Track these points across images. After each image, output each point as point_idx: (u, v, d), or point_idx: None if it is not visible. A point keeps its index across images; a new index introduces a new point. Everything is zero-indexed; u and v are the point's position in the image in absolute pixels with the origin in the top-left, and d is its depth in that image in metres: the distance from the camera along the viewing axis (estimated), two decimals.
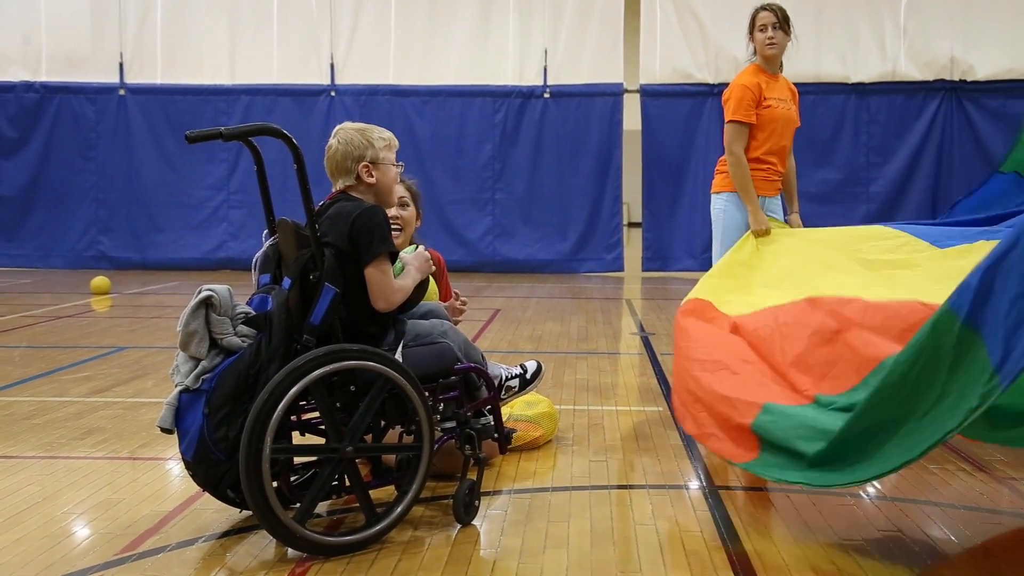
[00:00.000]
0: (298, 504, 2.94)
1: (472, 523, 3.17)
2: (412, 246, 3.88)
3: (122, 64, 12.52)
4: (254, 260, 3.25)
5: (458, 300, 4.01)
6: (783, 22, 4.87)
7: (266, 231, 3.29)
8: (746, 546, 2.99)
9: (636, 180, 12.51)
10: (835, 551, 2.95)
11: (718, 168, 4.98)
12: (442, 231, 11.76)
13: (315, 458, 3.12)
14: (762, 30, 4.86)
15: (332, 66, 12.43)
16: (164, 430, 2.96)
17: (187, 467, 3.00)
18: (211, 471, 2.91)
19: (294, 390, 2.80)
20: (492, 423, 3.40)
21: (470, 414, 3.29)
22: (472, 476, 3.23)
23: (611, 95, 12.25)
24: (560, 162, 12.35)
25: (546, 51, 12.31)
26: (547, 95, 12.32)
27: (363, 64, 12.43)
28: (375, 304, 3.06)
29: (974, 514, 3.30)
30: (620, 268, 12.32)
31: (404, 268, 3.23)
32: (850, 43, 11.93)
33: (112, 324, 8.09)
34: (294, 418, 3.08)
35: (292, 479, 3.15)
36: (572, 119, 12.30)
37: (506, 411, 3.92)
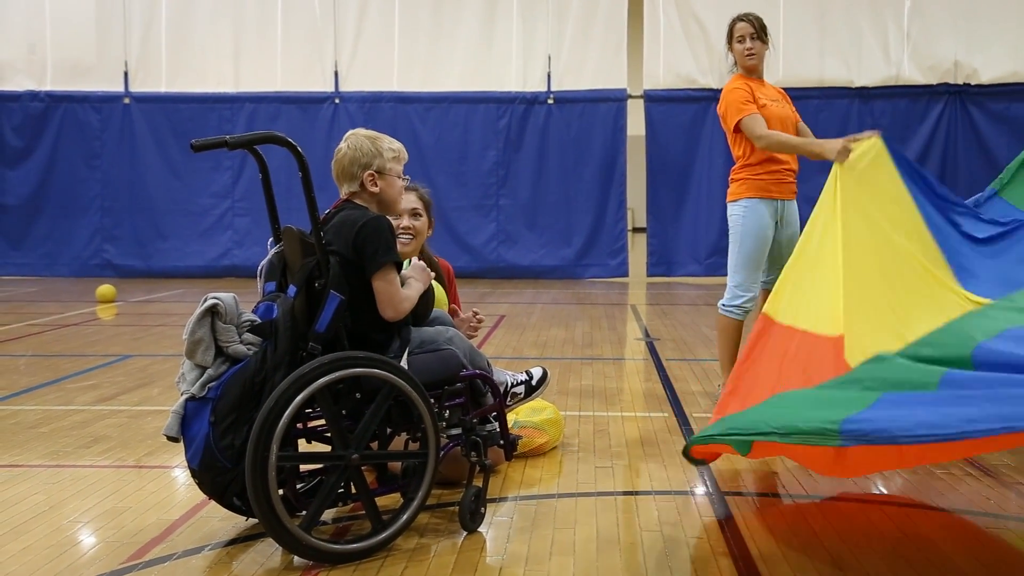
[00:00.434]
0: (304, 512, 2.94)
1: (478, 530, 3.17)
2: (408, 260, 3.88)
3: (127, 72, 12.57)
4: (259, 268, 3.26)
5: (475, 317, 4.02)
6: (760, 31, 4.89)
7: (271, 239, 3.29)
8: (752, 552, 2.98)
9: (640, 185, 12.52)
10: (842, 557, 2.94)
11: (733, 176, 4.97)
12: (447, 237, 11.77)
13: (321, 465, 3.12)
14: (740, 41, 4.90)
15: (336, 73, 12.46)
16: (170, 438, 2.96)
17: (193, 475, 3.00)
18: (217, 479, 2.91)
19: (300, 398, 2.81)
20: (498, 430, 3.40)
21: (476, 421, 3.29)
22: (478, 483, 3.23)
23: (615, 101, 12.27)
24: (564, 168, 12.36)
25: (550, 57, 12.33)
26: (551, 101, 12.34)
27: (367, 71, 12.47)
28: (384, 313, 3.06)
29: (981, 519, 3.29)
30: (625, 274, 12.32)
31: (406, 282, 3.23)
32: (853, 47, 11.94)
33: (118, 332, 8.10)
34: (300, 426, 3.08)
35: (298, 486, 3.15)
36: (576, 125, 12.31)
37: (511, 417, 3.92)
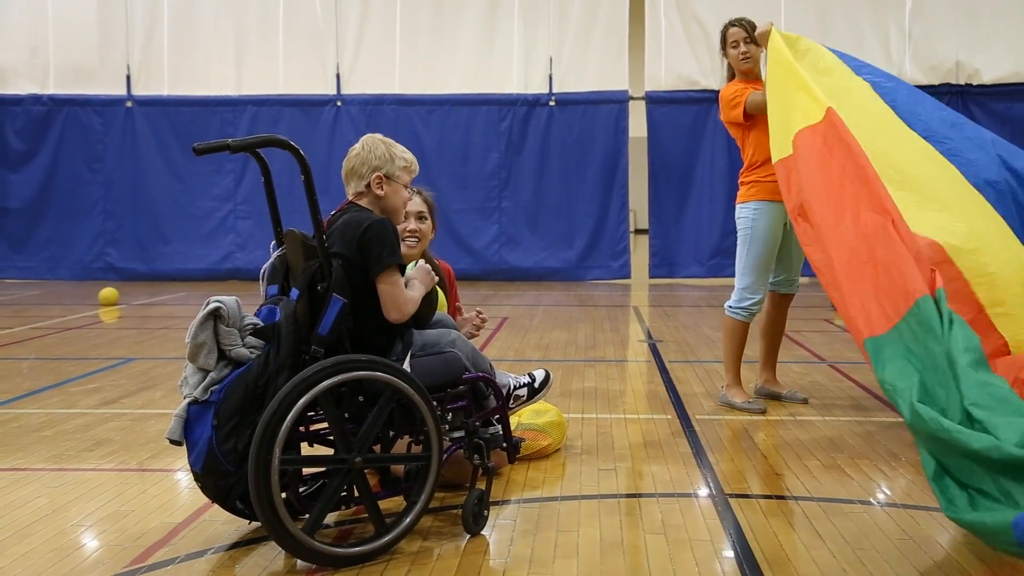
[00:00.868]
0: (307, 515, 2.94)
1: (481, 533, 3.17)
2: (413, 263, 3.88)
3: (129, 76, 12.58)
4: (262, 271, 3.26)
5: (478, 316, 4.02)
6: (752, 35, 4.93)
7: (274, 242, 3.30)
8: (756, 554, 2.98)
9: (642, 187, 12.52)
10: (846, 559, 2.94)
11: (742, 179, 4.98)
12: (449, 240, 11.76)
13: (324, 469, 3.12)
14: (734, 46, 4.97)
15: (338, 76, 12.46)
16: (173, 442, 2.95)
17: (196, 479, 3.00)
18: (220, 483, 2.91)
19: (303, 401, 2.80)
20: (500, 432, 3.40)
21: (478, 423, 3.29)
22: (481, 486, 3.22)
23: (616, 102, 12.27)
24: (566, 170, 12.36)
25: (551, 59, 12.33)
26: (552, 103, 12.34)
27: (369, 74, 12.47)
28: (388, 316, 3.07)
29: None
30: (627, 275, 12.31)
31: (409, 283, 3.23)
32: (855, 47, 11.87)
33: (120, 335, 8.11)
34: (302, 429, 3.08)
35: (301, 490, 3.15)
36: (578, 127, 12.31)
37: (514, 420, 3.92)
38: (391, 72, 12.48)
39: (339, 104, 12.42)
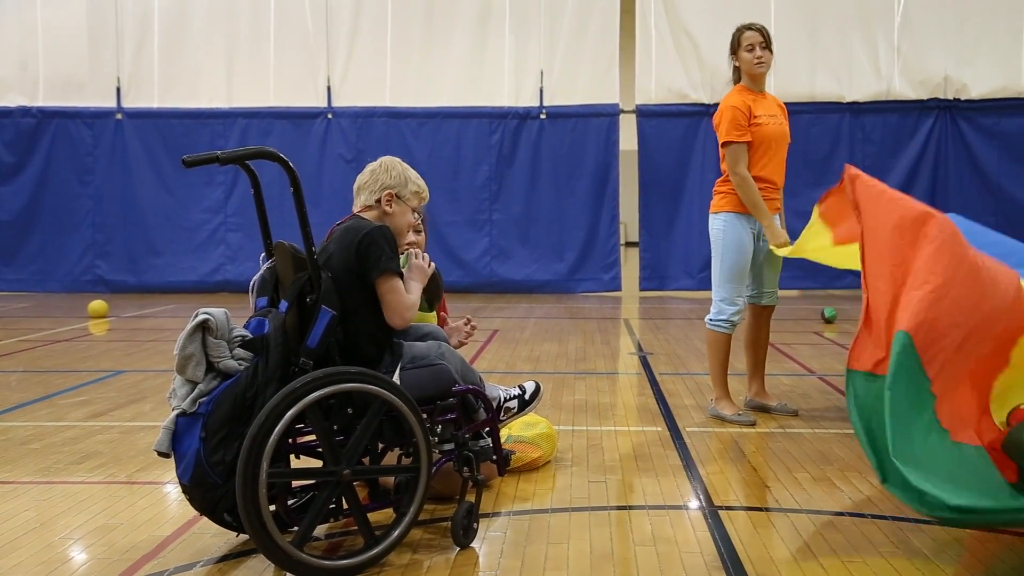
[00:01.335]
0: (296, 528, 2.93)
1: (471, 545, 3.16)
2: (403, 256, 3.88)
3: (119, 88, 12.57)
4: (251, 283, 3.26)
5: (468, 325, 4.02)
6: (768, 41, 4.94)
7: (263, 254, 3.29)
8: (746, 567, 2.98)
9: (633, 200, 12.54)
10: (835, 571, 2.94)
11: (716, 188, 5.00)
12: (439, 252, 11.76)
13: (312, 481, 3.11)
14: (749, 50, 4.91)
15: (329, 88, 12.48)
16: (161, 454, 2.94)
17: (184, 491, 2.99)
18: (208, 495, 2.90)
19: (291, 413, 2.80)
20: (490, 445, 3.40)
21: (468, 436, 3.29)
22: (471, 498, 3.22)
23: (607, 116, 12.31)
24: (557, 183, 12.38)
25: (542, 72, 12.37)
26: (543, 116, 12.37)
27: (360, 86, 12.48)
28: (391, 321, 3.09)
29: (976, 534, 3.29)
30: (617, 288, 12.33)
31: (406, 284, 3.25)
32: (844, 62, 12.01)
33: (109, 348, 8.08)
34: (291, 441, 3.07)
35: (290, 502, 3.14)
36: (568, 140, 12.34)
37: (504, 432, 3.92)
38: (382, 85, 12.49)
39: (330, 117, 12.43)
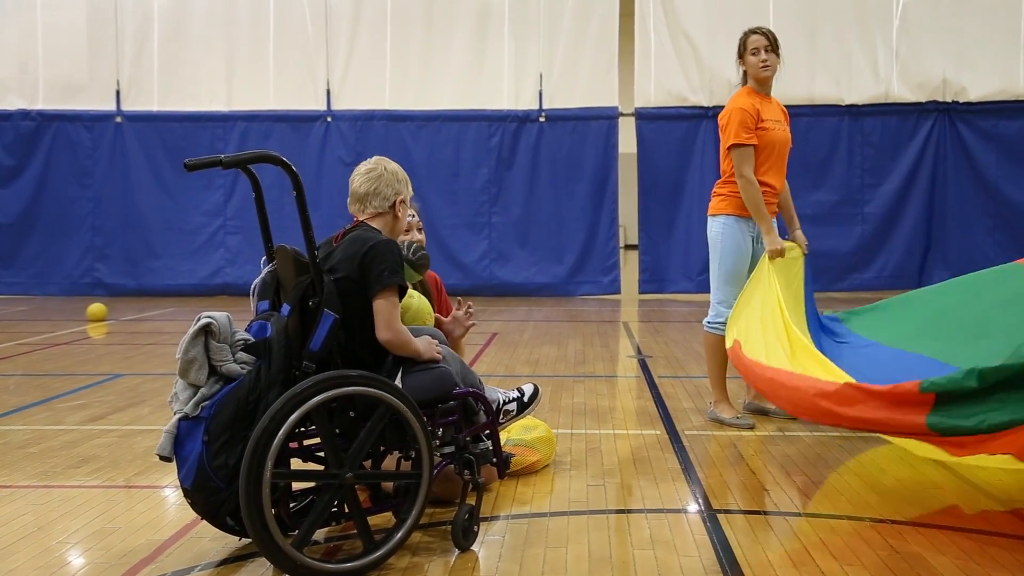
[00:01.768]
0: (296, 531, 2.93)
1: (471, 549, 3.16)
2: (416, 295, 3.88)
3: (119, 91, 12.58)
4: (252, 287, 3.26)
5: (467, 310, 4.02)
6: (774, 45, 4.91)
7: (264, 258, 3.29)
8: (744, 570, 2.98)
9: (632, 203, 12.56)
10: (833, 573, 2.94)
11: (715, 191, 5.00)
12: (439, 255, 11.77)
13: (313, 484, 3.12)
14: (755, 53, 4.89)
15: (328, 92, 12.49)
16: (163, 458, 2.94)
17: (186, 495, 2.99)
18: (210, 499, 2.90)
19: (294, 416, 2.80)
20: (490, 448, 3.40)
21: (468, 439, 3.29)
22: (471, 501, 3.22)
23: (606, 119, 12.32)
24: (556, 185, 12.39)
25: (541, 75, 12.39)
26: (543, 119, 12.39)
27: (359, 89, 12.49)
28: (379, 334, 3.07)
29: (974, 536, 3.29)
30: (617, 291, 12.33)
31: (419, 335, 3.21)
32: (843, 65, 12.03)
33: (108, 351, 8.08)
34: (293, 445, 3.07)
35: (291, 506, 3.14)
36: (568, 143, 12.36)
37: (504, 436, 3.92)
38: (381, 88, 12.51)
39: (329, 120, 12.44)
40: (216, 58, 12.56)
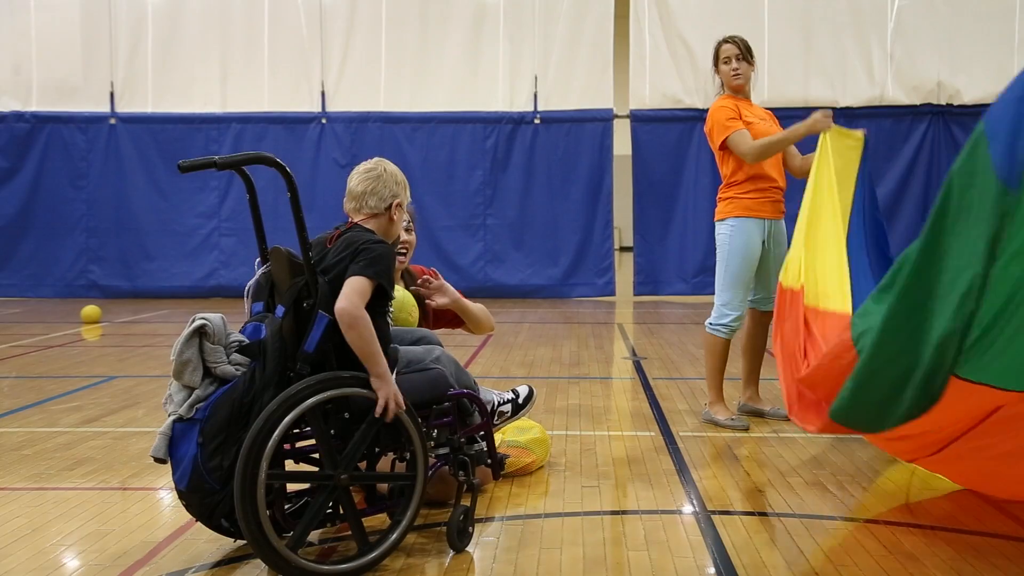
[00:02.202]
0: (291, 532, 2.93)
1: (465, 550, 3.16)
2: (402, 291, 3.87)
3: (113, 93, 12.56)
4: (247, 288, 3.25)
5: (430, 275, 3.99)
6: (746, 53, 4.99)
7: (259, 259, 3.29)
8: (739, 571, 2.99)
9: (627, 205, 12.57)
10: (827, 575, 2.95)
11: (720, 196, 5.02)
12: (434, 256, 11.77)
13: (308, 486, 3.11)
14: (726, 62, 4.99)
15: (323, 93, 12.48)
16: (158, 460, 2.94)
17: (181, 497, 2.99)
18: (205, 501, 2.90)
19: (289, 418, 2.80)
20: (485, 449, 3.40)
21: (463, 440, 3.29)
22: (466, 502, 3.22)
23: (601, 121, 12.33)
24: (551, 187, 12.40)
25: (536, 77, 12.39)
26: (538, 121, 12.39)
27: (354, 91, 12.48)
28: (337, 303, 2.90)
29: (966, 537, 3.30)
30: (612, 293, 12.34)
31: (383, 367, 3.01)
32: (838, 68, 12.05)
33: (103, 353, 8.07)
34: (287, 446, 3.07)
35: (285, 507, 3.14)
36: (563, 145, 12.36)
37: (498, 437, 3.92)
38: (376, 89, 12.50)
39: (324, 121, 12.44)
40: (210, 60, 12.55)
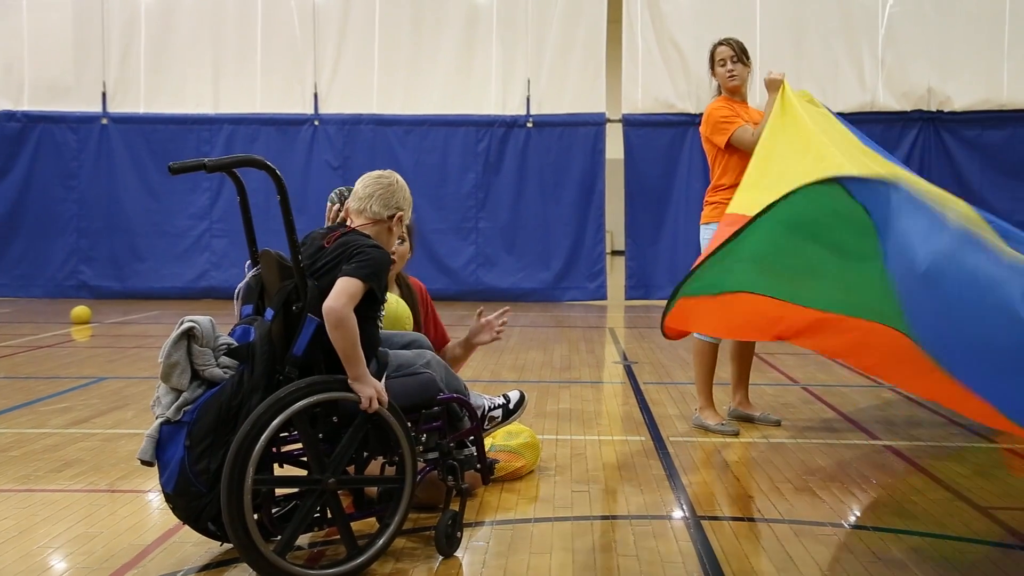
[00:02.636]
0: (279, 536, 2.92)
1: (454, 555, 3.16)
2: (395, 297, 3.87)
3: (104, 93, 12.53)
4: (236, 290, 3.24)
5: (496, 315, 4.01)
6: (741, 54, 5.01)
7: (249, 261, 3.28)
8: None
9: (619, 209, 12.58)
10: None
11: (707, 199, 5.03)
12: (425, 260, 11.76)
13: (296, 490, 3.11)
14: (722, 64, 5.01)
15: (316, 95, 12.47)
16: (144, 463, 2.93)
17: (168, 500, 2.98)
18: (192, 504, 2.89)
19: (276, 421, 2.79)
20: (475, 454, 3.40)
21: (453, 445, 3.29)
22: (455, 507, 3.22)
23: (594, 125, 12.35)
24: (543, 191, 12.41)
25: (529, 81, 12.41)
26: (530, 124, 12.40)
27: (346, 93, 12.48)
28: (326, 301, 2.89)
29: (955, 544, 3.31)
30: (603, 296, 12.35)
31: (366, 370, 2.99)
32: (829, 74, 12.08)
33: (92, 354, 8.03)
34: (275, 450, 3.06)
35: (273, 511, 3.13)
36: (555, 148, 12.37)
37: (488, 441, 3.92)
38: (369, 92, 12.50)
39: (316, 123, 12.42)
40: (203, 61, 12.53)
